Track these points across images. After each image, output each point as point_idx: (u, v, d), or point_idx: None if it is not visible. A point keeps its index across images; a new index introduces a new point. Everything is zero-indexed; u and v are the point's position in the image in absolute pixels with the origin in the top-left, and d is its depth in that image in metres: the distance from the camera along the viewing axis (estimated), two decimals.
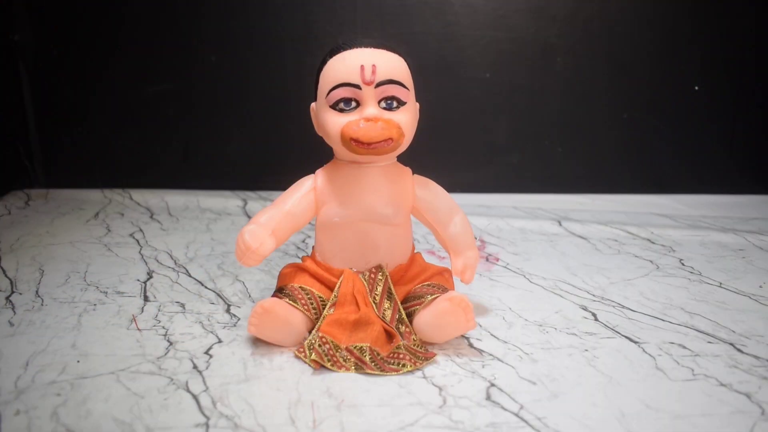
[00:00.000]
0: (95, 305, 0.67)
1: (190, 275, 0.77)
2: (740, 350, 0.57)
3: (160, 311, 0.66)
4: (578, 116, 1.21)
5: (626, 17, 1.16)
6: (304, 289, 0.59)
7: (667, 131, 1.21)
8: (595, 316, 0.66)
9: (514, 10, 1.15)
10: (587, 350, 0.57)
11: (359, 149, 0.55)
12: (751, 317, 0.65)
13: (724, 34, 1.17)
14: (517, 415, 0.47)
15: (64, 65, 1.18)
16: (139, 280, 0.75)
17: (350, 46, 0.56)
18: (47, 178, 1.24)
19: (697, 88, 1.19)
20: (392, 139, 0.55)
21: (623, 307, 0.68)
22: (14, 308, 0.66)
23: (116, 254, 0.85)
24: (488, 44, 1.17)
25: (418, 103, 0.60)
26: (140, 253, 0.86)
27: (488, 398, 0.49)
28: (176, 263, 0.82)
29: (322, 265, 0.61)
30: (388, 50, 0.57)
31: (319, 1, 1.15)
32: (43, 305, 0.67)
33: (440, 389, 0.50)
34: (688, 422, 0.46)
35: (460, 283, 0.65)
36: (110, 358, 0.55)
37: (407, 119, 0.57)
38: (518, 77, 1.19)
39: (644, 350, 0.57)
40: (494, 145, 1.22)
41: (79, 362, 0.54)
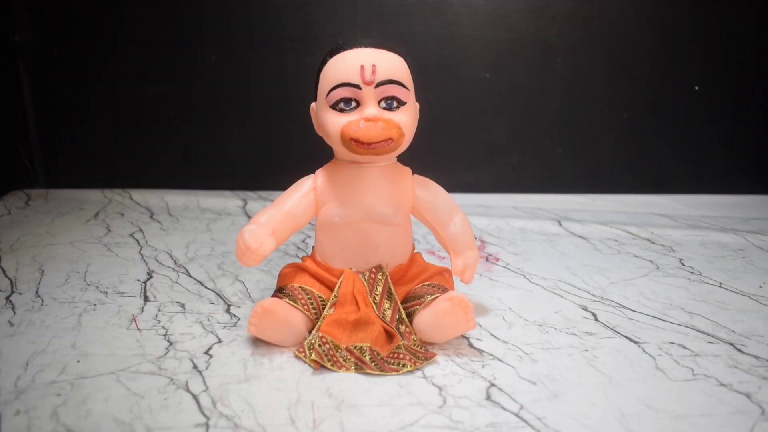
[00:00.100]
0: (95, 305, 0.67)
1: (190, 275, 0.77)
2: (740, 350, 0.57)
3: (160, 311, 0.66)
4: (578, 116, 1.21)
5: (626, 17, 1.16)
6: (304, 289, 0.59)
7: (667, 131, 1.21)
8: (595, 316, 0.66)
9: (514, 10, 1.15)
10: (587, 350, 0.57)
11: (359, 149, 0.55)
12: (751, 317, 0.65)
13: (724, 34, 1.17)
14: (517, 415, 0.47)
15: (64, 65, 1.19)
16: (139, 280, 0.75)
17: (350, 46, 0.56)
18: (47, 178, 1.24)
19: (697, 88, 1.19)
20: (392, 139, 0.55)
21: (623, 307, 0.68)
22: (14, 308, 0.66)
23: (116, 254, 0.85)
24: (488, 44, 1.17)
25: (418, 103, 0.60)
26: (140, 253, 0.86)
27: (488, 398, 0.49)
28: (176, 263, 0.82)
29: (322, 265, 0.61)
30: (388, 50, 0.57)
31: (319, 1, 1.15)
32: (43, 305, 0.67)
33: (440, 389, 0.50)
34: (688, 422, 0.46)
35: (460, 283, 0.65)
36: (110, 358, 0.55)
37: (407, 119, 0.57)
38: (518, 77, 1.19)
39: (644, 350, 0.57)
40: (494, 145, 1.22)
41: (79, 362, 0.54)
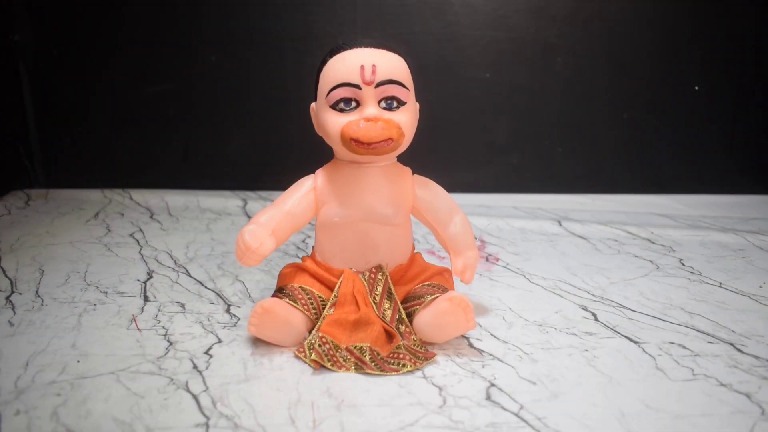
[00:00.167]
0: (95, 305, 0.67)
1: (190, 275, 0.77)
2: (740, 350, 0.57)
3: (160, 311, 0.66)
4: (578, 116, 1.21)
5: (626, 17, 1.16)
6: (304, 289, 0.59)
7: (667, 131, 1.21)
8: (595, 316, 0.66)
9: (514, 10, 1.15)
10: (587, 350, 0.57)
11: (359, 149, 0.55)
12: (751, 317, 0.65)
13: (724, 34, 1.17)
14: (517, 415, 0.47)
15: (64, 65, 1.19)
16: (139, 280, 0.75)
17: (350, 46, 0.56)
18: (47, 178, 1.24)
19: (697, 88, 1.19)
20: (392, 139, 0.55)
21: (623, 307, 0.68)
22: (14, 308, 0.66)
23: (116, 254, 0.85)
24: (488, 44, 1.17)
25: (418, 103, 0.60)
26: (140, 253, 0.86)
27: (488, 398, 0.49)
28: (176, 263, 0.82)
29: (322, 265, 0.61)
30: (388, 50, 0.57)
31: (319, 1, 1.15)
32: (43, 305, 0.67)
33: (440, 389, 0.50)
34: (688, 422, 0.46)
35: (460, 283, 0.65)
36: (110, 358, 0.55)
37: (407, 119, 0.57)
38: (518, 77, 1.19)
39: (644, 350, 0.57)
40: (494, 145, 1.22)
41: (79, 362, 0.54)
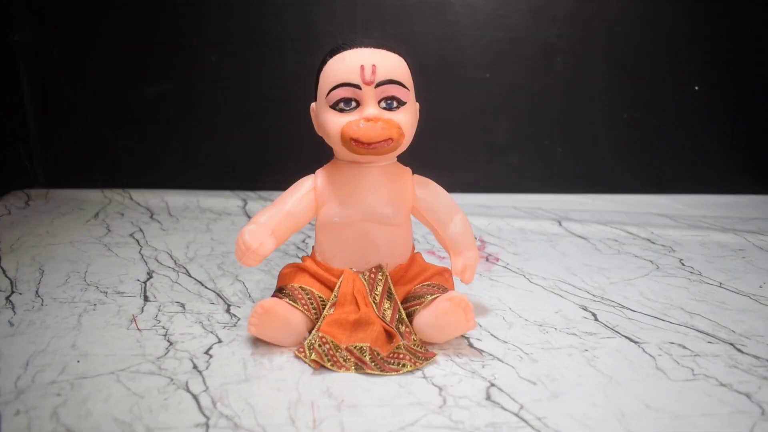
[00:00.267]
0: (95, 305, 0.67)
1: (190, 275, 0.77)
2: (740, 350, 0.57)
3: (160, 311, 0.66)
4: (578, 116, 1.21)
5: (626, 17, 1.16)
6: (304, 289, 0.59)
7: (667, 131, 1.21)
8: (595, 316, 0.66)
9: (514, 10, 1.15)
10: (587, 350, 0.57)
11: (359, 149, 0.55)
12: (751, 317, 0.65)
13: (724, 34, 1.17)
14: (517, 415, 0.47)
15: (64, 65, 1.19)
16: (139, 280, 0.75)
17: (350, 46, 0.56)
18: (47, 178, 1.24)
19: (697, 88, 1.19)
20: (392, 139, 0.55)
21: (623, 307, 0.68)
22: (14, 308, 0.66)
23: (116, 254, 0.85)
24: (488, 44, 1.17)
25: (418, 103, 0.60)
26: (140, 253, 0.86)
27: (488, 398, 0.49)
28: (176, 263, 0.82)
29: (322, 265, 0.61)
30: (388, 50, 0.57)
31: (319, 1, 1.15)
32: (43, 305, 0.67)
33: (440, 389, 0.50)
34: (688, 422, 0.46)
35: (460, 283, 0.65)
36: (110, 358, 0.55)
37: (407, 119, 0.57)
38: (518, 77, 1.19)
39: (644, 350, 0.57)
40: (494, 145, 1.22)
41: (79, 362, 0.54)
